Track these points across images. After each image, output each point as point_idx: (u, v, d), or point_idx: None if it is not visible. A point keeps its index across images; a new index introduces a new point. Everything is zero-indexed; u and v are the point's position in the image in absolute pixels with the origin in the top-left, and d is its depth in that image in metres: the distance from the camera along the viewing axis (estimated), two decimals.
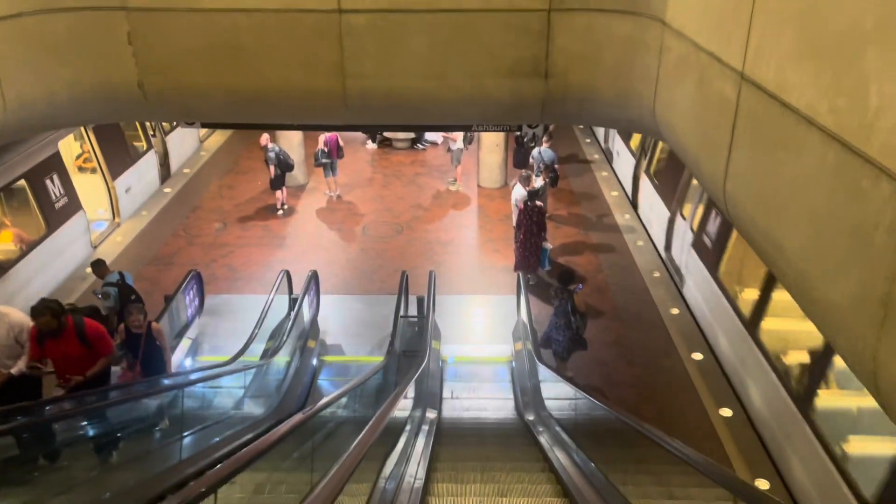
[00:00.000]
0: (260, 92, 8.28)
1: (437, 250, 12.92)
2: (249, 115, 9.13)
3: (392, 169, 17.00)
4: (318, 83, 8.15)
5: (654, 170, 14.03)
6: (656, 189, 13.05)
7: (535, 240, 11.24)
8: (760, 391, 8.20)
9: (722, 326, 9.37)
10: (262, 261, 12.37)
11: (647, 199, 13.75)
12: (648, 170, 13.82)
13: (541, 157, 13.70)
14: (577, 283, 8.96)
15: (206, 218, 14.21)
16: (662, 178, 14.06)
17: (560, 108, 8.36)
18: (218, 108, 8.74)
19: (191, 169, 16.81)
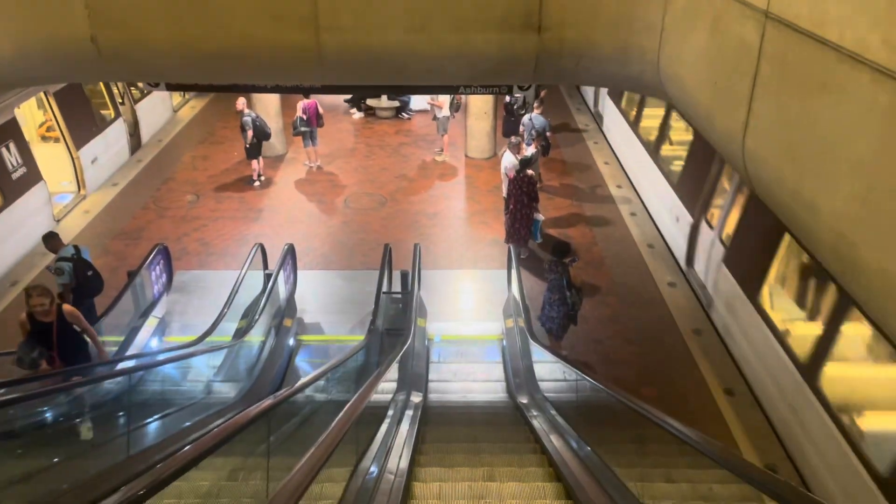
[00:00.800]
0: (225, 48, 7.59)
1: (423, 223, 12.32)
2: (215, 74, 8.43)
3: (376, 139, 16.30)
4: (289, 37, 7.46)
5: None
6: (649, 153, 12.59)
7: (527, 211, 10.66)
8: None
9: (765, 364, 7.58)
10: (237, 235, 11.73)
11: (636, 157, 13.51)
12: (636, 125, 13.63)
13: (531, 123, 13.07)
14: (573, 255, 8.41)
15: (178, 190, 13.51)
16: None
17: (555, 66, 7.74)
18: (180, 66, 8.04)
19: (163, 139, 16.05)
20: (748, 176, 4.96)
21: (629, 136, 13.85)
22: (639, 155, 13.18)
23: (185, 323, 9.44)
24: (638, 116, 13.50)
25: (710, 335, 9.17)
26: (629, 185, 13.79)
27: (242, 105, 12.99)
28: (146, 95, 16.16)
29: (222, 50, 7.51)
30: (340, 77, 8.22)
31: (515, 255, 9.34)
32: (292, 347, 9.01)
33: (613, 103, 14.88)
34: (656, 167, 12.07)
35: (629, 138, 13.87)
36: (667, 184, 11.43)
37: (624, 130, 14.28)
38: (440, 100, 14.67)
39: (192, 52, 7.63)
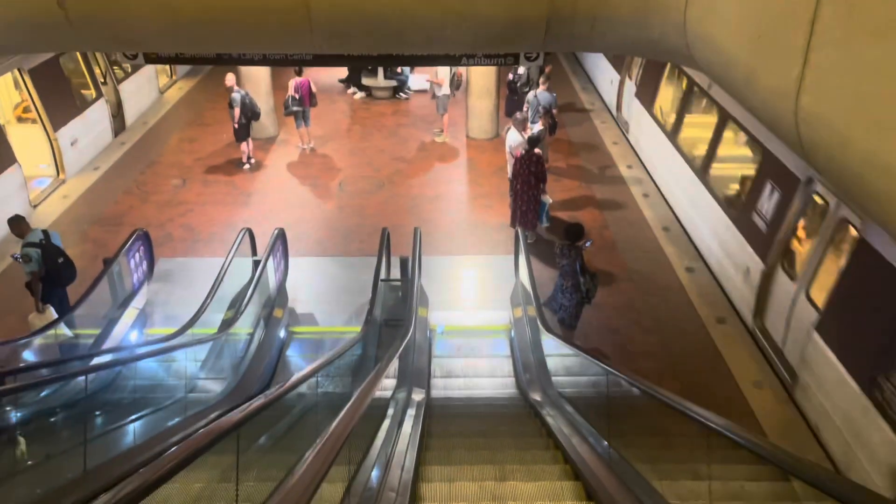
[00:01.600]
0: (207, 12, 6.91)
1: (423, 207, 11.69)
2: (196, 42, 7.76)
3: (372, 120, 15.64)
4: (276, 1, 6.83)
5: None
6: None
7: (534, 192, 10.04)
8: None
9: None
10: (225, 220, 11.09)
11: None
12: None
13: (537, 101, 12.41)
14: (586, 238, 7.79)
15: (163, 174, 12.86)
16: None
17: (567, 30, 7.07)
18: (158, 33, 7.36)
19: (149, 121, 15.37)
20: (800, 141, 4.31)
21: (666, 148, 11.91)
22: (679, 172, 11.21)
23: (167, 314, 8.83)
24: (678, 125, 11.60)
25: (734, 324, 8.58)
26: (640, 165, 13.16)
27: (231, 82, 12.32)
28: (130, 75, 15.49)
29: (204, 14, 6.85)
30: (332, 45, 7.55)
31: (523, 239, 8.72)
32: (283, 340, 8.41)
33: (644, 108, 13.21)
34: (706, 190, 10.01)
35: (665, 152, 11.92)
36: (723, 215, 9.32)
37: (659, 142, 12.37)
38: (440, 77, 14.00)
39: (170, 17, 6.97)
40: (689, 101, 11.42)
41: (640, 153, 13.51)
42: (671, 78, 12.73)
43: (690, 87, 11.26)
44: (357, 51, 8.15)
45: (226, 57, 9.17)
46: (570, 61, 19.81)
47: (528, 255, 8.29)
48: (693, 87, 11.12)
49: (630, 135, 14.34)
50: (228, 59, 9.22)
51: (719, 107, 9.93)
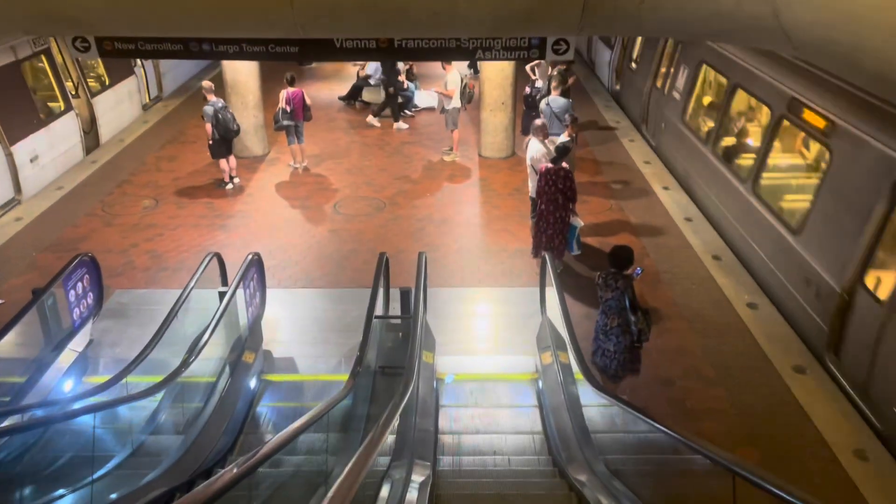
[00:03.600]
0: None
1: (430, 231, 10.19)
2: (157, 22, 6.34)
3: (374, 138, 14.25)
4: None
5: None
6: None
7: (562, 213, 8.52)
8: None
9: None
10: (198, 246, 9.61)
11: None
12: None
13: (549, 108, 11.00)
14: (636, 265, 6.24)
15: (134, 194, 11.44)
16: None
17: (611, 6, 5.62)
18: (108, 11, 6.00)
19: (127, 139, 14.03)
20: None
21: (707, 162, 10.54)
22: (728, 189, 9.77)
23: (116, 357, 7.28)
24: (720, 131, 10.25)
25: (817, 374, 6.96)
26: (677, 186, 11.67)
27: (209, 89, 10.97)
28: (107, 88, 14.22)
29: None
30: (317, 26, 6.12)
31: (552, 268, 7.17)
32: (254, 391, 6.84)
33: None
34: (754, 200, 8.67)
35: (707, 166, 10.55)
36: (777, 227, 8.03)
37: (689, 147, 11.34)
38: (449, 88, 12.63)
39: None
40: (730, 103, 10.06)
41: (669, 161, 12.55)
42: (706, 80, 11.43)
43: (733, 87, 9.85)
44: (349, 33, 6.74)
45: (194, 48, 7.79)
46: (592, 81, 18.50)
47: (559, 286, 6.74)
48: (735, 87, 9.76)
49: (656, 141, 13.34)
50: (196, 51, 7.83)
51: (768, 104, 8.70)
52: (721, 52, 10.46)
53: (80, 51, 7.75)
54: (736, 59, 9.86)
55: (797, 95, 8.01)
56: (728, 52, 10.21)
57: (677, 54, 12.40)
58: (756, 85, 9.17)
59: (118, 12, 5.92)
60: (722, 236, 9.82)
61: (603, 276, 6.21)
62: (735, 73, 9.89)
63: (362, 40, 7.78)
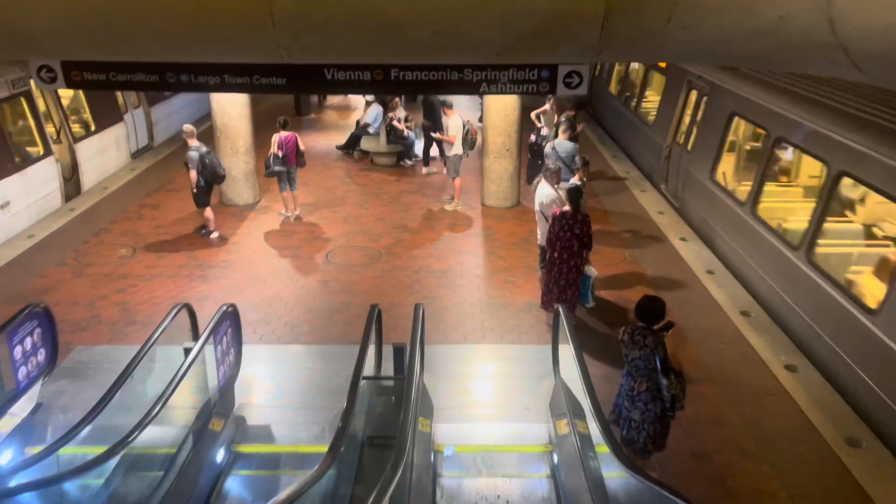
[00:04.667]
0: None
1: (429, 282, 9.38)
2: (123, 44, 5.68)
3: (371, 186, 13.60)
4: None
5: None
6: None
7: (576, 261, 7.75)
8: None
9: None
10: (174, 297, 8.79)
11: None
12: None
13: (555, 152, 10.36)
14: (668, 320, 5.41)
15: (110, 243, 10.69)
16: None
17: (633, 24, 4.87)
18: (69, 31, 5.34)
19: (111, 186, 13.38)
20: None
21: (738, 218, 9.53)
22: (761, 246, 8.84)
23: (67, 423, 6.35)
24: (757, 189, 9.11)
25: (874, 448, 6.04)
26: (695, 237, 10.92)
27: (190, 133, 10.33)
28: (93, 134, 13.65)
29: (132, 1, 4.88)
30: (303, 45, 5.45)
31: (567, 322, 6.32)
32: (222, 465, 5.90)
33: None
34: (808, 270, 7.60)
35: (737, 222, 9.57)
36: (842, 301, 6.96)
37: (721, 209, 10.17)
38: (451, 133, 12.03)
39: (86, 8, 5.00)
40: (772, 159, 9.26)
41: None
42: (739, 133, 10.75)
43: (775, 140, 9.12)
44: (338, 56, 6.07)
45: (170, 79, 7.14)
46: (599, 131, 18.03)
47: (577, 343, 5.88)
48: (778, 140, 8.99)
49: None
50: (173, 82, 7.19)
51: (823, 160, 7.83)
52: (756, 102, 9.57)
53: (45, 81, 7.08)
54: (777, 109, 8.94)
55: (862, 148, 7.04)
56: (766, 102, 9.29)
57: (703, 106, 11.48)
58: (806, 137, 8.24)
59: (77, 28, 5.25)
60: (755, 295, 8.92)
61: (629, 332, 5.37)
62: (777, 124, 8.93)
63: (355, 71, 7.16)
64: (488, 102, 11.92)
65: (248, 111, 12.06)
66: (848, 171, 7.28)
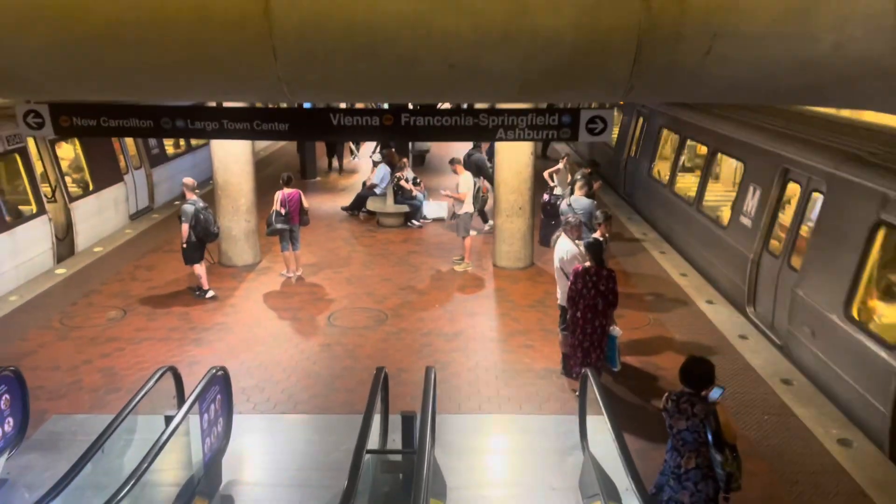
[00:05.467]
0: (120, 25, 4.58)
1: (438, 346, 8.75)
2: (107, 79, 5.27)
3: (377, 247, 13.12)
4: (221, 4, 4.49)
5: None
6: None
7: (601, 321, 7.15)
8: None
9: None
10: (163, 362, 8.12)
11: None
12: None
13: (571, 209, 9.87)
14: (717, 384, 4.78)
15: (100, 304, 10.14)
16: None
17: (668, 56, 4.31)
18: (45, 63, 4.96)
19: (107, 247, 12.93)
20: None
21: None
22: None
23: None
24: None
25: None
26: (723, 300, 10.31)
27: (190, 187, 9.94)
28: (90, 194, 13.31)
29: (115, 28, 4.48)
30: (307, 82, 5.03)
31: (597, 388, 5.68)
32: None
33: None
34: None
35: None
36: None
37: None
38: (461, 191, 11.63)
39: (63, 35, 4.61)
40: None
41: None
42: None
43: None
44: (345, 94, 5.65)
45: (165, 125, 6.74)
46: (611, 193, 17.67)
47: (611, 412, 5.23)
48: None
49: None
50: (168, 128, 6.78)
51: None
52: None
53: (32, 127, 6.69)
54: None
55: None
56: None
57: (817, 205, 8.38)
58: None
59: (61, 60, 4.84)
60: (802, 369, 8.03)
61: (673, 399, 4.74)
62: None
63: (363, 116, 6.76)
64: (500, 159, 11.55)
65: (250, 168, 11.72)
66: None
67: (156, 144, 16.70)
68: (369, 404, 5.35)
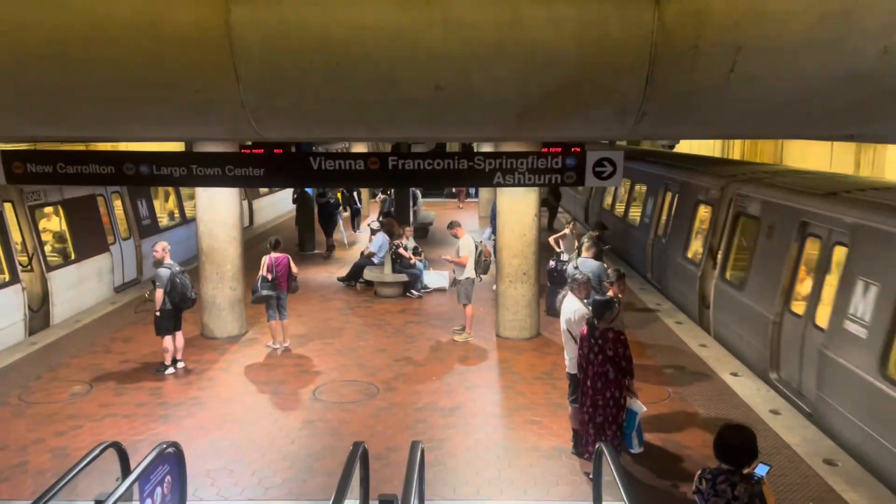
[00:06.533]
0: (68, 38, 4.01)
1: (433, 422, 7.88)
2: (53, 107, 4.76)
3: (372, 318, 12.37)
4: (176, 16, 3.97)
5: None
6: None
7: (614, 392, 6.32)
8: None
9: None
10: (126, 441, 7.28)
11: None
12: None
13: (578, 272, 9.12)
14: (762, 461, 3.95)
15: (65, 379, 9.36)
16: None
17: (685, 73, 3.99)
18: None
19: (84, 319, 12.23)
20: None
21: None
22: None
23: None
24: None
25: None
26: (749, 372, 9.46)
27: (162, 252, 9.31)
28: (70, 263, 12.72)
29: (61, 42, 3.98)
30: (274, 109, 4.47)
31: (614, 466, 4.83)
32: None
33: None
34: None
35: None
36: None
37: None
38: (461, 255, 10.97)
39: (9, 61, 4.10)
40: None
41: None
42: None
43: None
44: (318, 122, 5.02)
45: (128, 171, 6.18)
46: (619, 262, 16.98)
47: (630, 496, 4.36)
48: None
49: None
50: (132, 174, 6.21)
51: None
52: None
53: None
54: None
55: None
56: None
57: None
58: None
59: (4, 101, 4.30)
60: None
61: (708, 479, 3.89)
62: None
63: (346, 160, 6.20)
64: (502, 221, 10.96)
65: (237, 233, 11.14)
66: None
67: (147, 215, 16.26)
68: (341, 487, 4.52)
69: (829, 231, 8.18)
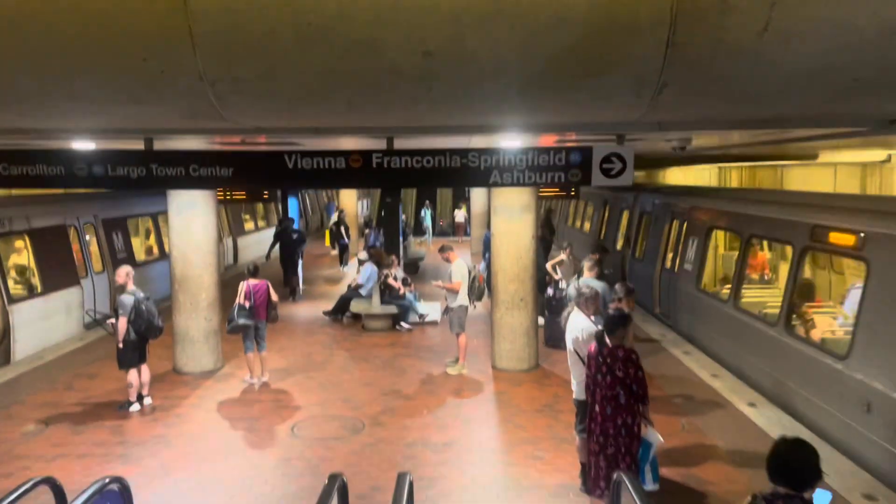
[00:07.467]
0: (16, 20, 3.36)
1: (425, 458, 7.14)
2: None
3: (359, 351, 11.65)
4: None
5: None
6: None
7: (626, 418, 5.64)
8: None
9: None
10: (75, 483, 6.55)
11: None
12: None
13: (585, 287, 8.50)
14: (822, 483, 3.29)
15: (20, 416, 8.58)
16: None
17: (712, 35, 3.43)
18: None
19: (48, 356, 11.45)
20: None
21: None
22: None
23: None
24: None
25: None
26: (766, 402, 8.79)
27: (125, 277, 8.64)
28: (38, 296, 11.99)
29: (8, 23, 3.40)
30: (237, 82, 3.87)
31: (637, 494, 4.13)
32: None
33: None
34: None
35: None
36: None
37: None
38: (454, 280, 10.32)
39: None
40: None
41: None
42: None
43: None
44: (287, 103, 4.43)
45: (80, 171, 5.57)
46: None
47: None
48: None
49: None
50: (84, 175, 5.59)
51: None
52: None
53: None
54: None
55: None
56: None
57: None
58: None
59: None
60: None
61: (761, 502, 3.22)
62: None
63: (325, 158, 5.60)
64: (496, 244, 10.36)
65: (213, 259, 10.49)
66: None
67: (123, 248, 15.58)
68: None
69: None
